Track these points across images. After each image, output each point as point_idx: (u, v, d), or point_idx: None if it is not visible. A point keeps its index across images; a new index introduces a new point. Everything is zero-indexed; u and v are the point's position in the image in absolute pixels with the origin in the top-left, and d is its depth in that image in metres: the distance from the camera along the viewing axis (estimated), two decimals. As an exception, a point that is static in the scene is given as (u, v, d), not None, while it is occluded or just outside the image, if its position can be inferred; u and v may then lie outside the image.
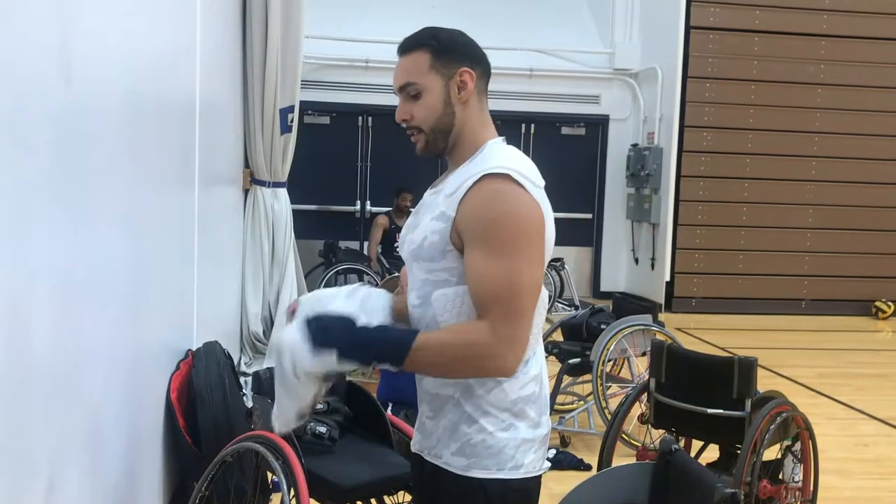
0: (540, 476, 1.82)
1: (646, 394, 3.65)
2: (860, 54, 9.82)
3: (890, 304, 9.88)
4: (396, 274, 5.74)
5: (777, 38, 9.72)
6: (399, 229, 7.96)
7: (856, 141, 9.85)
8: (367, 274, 7.66)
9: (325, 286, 8.47)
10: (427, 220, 1.77)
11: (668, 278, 9.65)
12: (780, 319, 9.44)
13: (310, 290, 9.27)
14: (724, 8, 9.67)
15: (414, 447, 1.91)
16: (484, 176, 1.70)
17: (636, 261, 10.30)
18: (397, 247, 8.02)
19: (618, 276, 10.60)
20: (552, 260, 2.00)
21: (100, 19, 2.16)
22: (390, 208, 8.81)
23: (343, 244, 8.96)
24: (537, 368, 1.81)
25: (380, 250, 8.56)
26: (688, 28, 9.57)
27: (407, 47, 1.82)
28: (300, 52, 6.39)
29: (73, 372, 2.00)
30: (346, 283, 8.16)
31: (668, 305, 9.60)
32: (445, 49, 1.79)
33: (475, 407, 1.75)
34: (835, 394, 6.16)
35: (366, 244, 10.07)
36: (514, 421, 1.76)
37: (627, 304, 5.44)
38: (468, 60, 1.81)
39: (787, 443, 3.39)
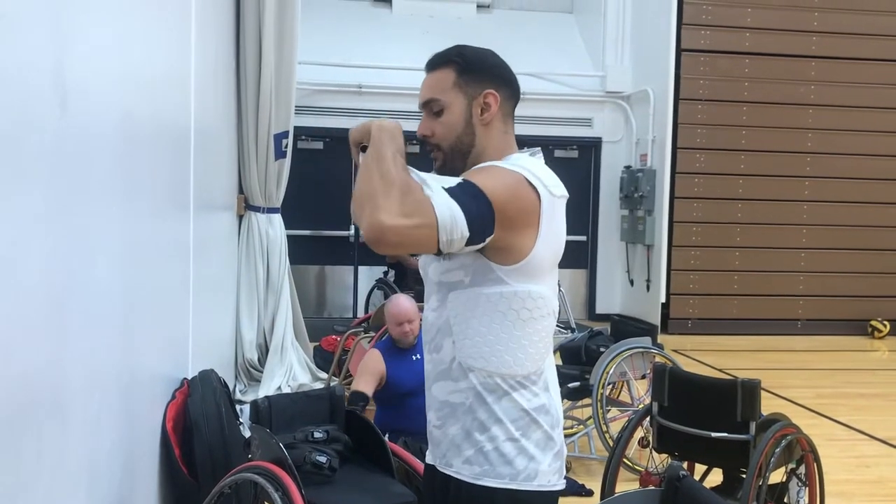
0: (556, 493, 1.78)
1: (647, 418, 3.62)
2: (850, 75, 9.89)
3: (885, 323, 9.87)
4: None
5: (767, 60, 9.78)
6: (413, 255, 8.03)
7: (848, 161, 9.89)
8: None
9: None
10: None
11: (663, 300, 9.63)
12: (775, 340, 9.42)
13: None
14: (714, 30, 9.74)
15: (427, 458, 1.89)
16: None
17: (631, 282, 10.29)
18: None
19: (613, 298, 10.57)
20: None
21: (95, 45, 2.14)
22: None
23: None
24: (546, 379, 1.79)
25: (392, 277, 8.53)
26: (679, 51, 9.62)
27: (433, 64, 1.81)
28: (294, 77, 6.40)
29: (67, 401, 1.95)
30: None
31: (663, 327, 9.56)
32: (472, 68, 1.78)
33: (488, 414, 1.73)
34: (834, 414, 6.12)
35: (362, 269, 10.05)
36: (526, 431, 1.73)
37: (626, 327, 5.41)
38: (495, 82, 1.79)
39: (791, 466, 3.35)
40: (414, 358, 4.00)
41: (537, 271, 1.72)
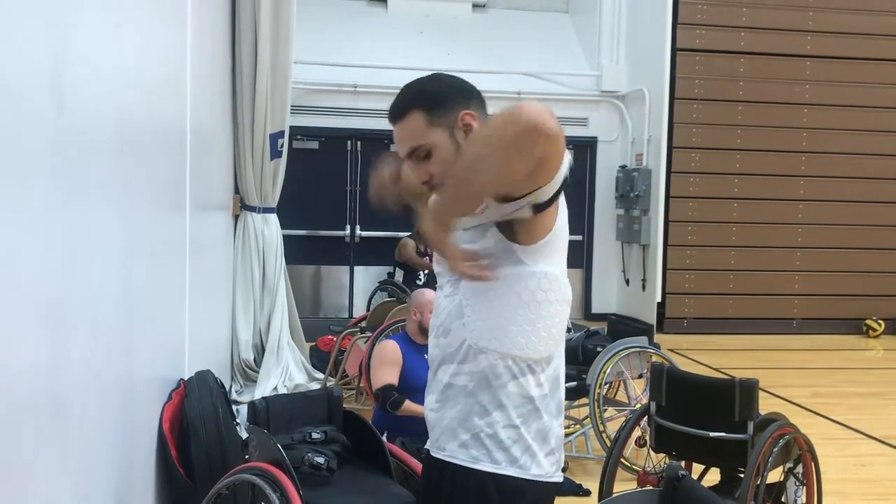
0: (553, 485, 1.77)
1: (645, 417, 3.62)
2: (845, 74, 9.91)
3: (881, 322, 9.90)
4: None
5: (762, 60, 9.80)
6: (423, 253, 8.06)
7: (843, 160, 9.92)
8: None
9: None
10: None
11: (659, 299, 9.64)
12: (771, 339, 9.43)
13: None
14: (709, 30, 9.75)
15: (427, 444, 1.88)
16: None
17: (627, 282, 10.29)
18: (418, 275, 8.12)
19: (608, 297, 10.57)
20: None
21: (91, 47, 2.13)
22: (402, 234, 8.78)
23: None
24: (556, 369, 1.79)
25: (401, 278, 8.53)
26: (674, 50, 9.64)
27: (398, 114, 1.78)
28: (289, 77, 6.39)
29: (64, 403, 1.94)
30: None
31: (659, 326, 9.58)
32: (437, 101, 1.75)
33: (491, 398, 1.72)
34: (830, 413, 6.13)
35: (358, 269, 10.03)
36: (527, 419, 1.73)
37: (623, 327, 5.42)
38: (461, 101, 1.77)
39: (789, 465, 3.35)
40: (426, 357, 4.01)
41: (554, 251, 1.76)
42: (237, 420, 3.68)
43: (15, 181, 1.57)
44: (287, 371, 6.23)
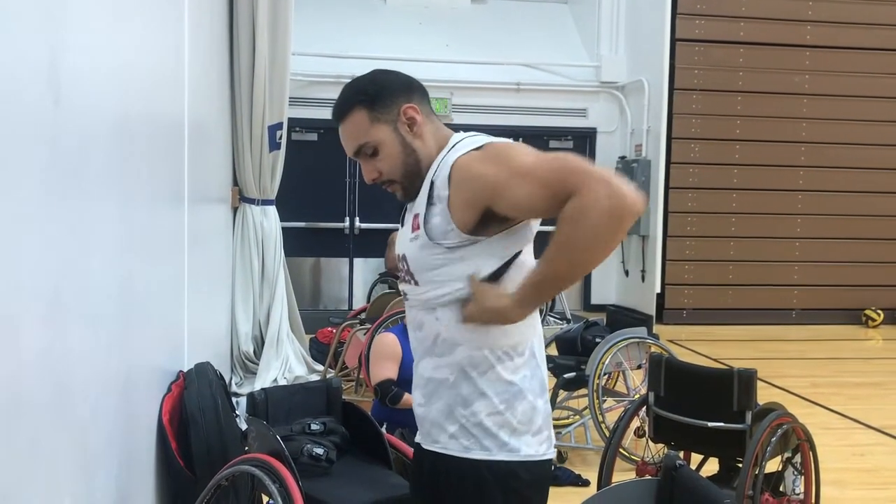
0: (545, 462, 1.79)
1: (644, 408, 3.62)
2: (844, 65, 9.90)
3: (879, 312, 9.91)
4: None
5: (762, 50, 9.79)
6: None
7: (842, 150, 9.91)
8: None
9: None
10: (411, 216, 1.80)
11: (658, 290, 9.65)
12: (770, 329, 9.45)
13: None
14: (708, 20, 9.73)
15: (416, 438, 1.90)
16: (457, 159, 1.71)
17: (626, 273, 10.30)
18: None
19: (608, 288, 10.58)
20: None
21: (88, 39, 2.12)
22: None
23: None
24: (532, 347, 1.79)
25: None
26: (673, 40, 9.62)
27: (340, 114, 1.80)
28: (288, 68, 6.38)
29: (63, 396, 1.95)
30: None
31: (658, 317, 9.60)
32: (377, 97, 1.77)
33: (472, 389, 1.74)
34: (829, 403, 6.14)
35: (357, 261, 10.04)
36: (511, 403, 1.74)
37: (622, 317, 5.41)
38: (402, 95, 1.78)
39: (787, 455, 3.36)
40: None
41: (516, 233, 1.74)
42: (237, 412, 3.69)
43: (11, 173, 1.57)
44: (287, 363, 6.24)
